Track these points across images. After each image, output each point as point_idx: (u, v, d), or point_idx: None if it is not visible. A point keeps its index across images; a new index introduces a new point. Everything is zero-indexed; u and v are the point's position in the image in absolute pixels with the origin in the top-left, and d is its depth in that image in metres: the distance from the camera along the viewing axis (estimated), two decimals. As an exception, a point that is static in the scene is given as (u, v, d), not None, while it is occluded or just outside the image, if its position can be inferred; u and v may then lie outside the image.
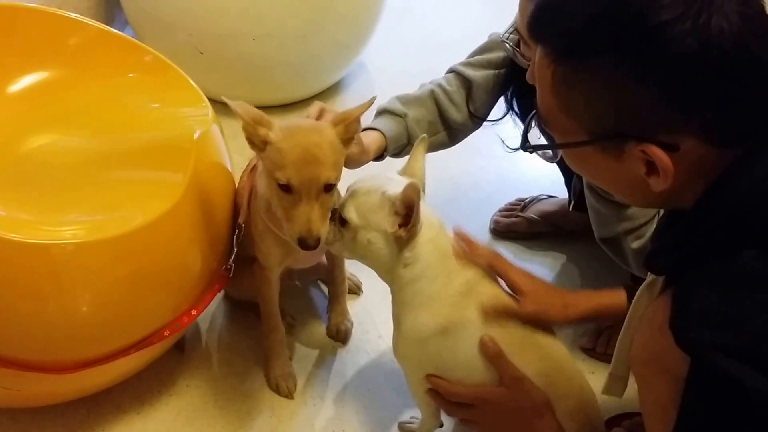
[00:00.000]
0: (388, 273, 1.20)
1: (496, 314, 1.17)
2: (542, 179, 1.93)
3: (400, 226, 1.13)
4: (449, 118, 1.54)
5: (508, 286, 1.23)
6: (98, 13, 2.09)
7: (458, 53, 1.66)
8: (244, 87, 1.96)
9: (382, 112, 1.50)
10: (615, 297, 1.24)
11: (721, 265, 0.80)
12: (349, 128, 1.16)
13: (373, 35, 2.14)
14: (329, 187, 1.13)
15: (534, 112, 0.95)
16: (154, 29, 1.83)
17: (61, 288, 1.13)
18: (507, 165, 2.02)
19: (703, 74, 0.77)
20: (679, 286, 0.84)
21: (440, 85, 1.55)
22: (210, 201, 1.29)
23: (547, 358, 1.18)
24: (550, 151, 1.03)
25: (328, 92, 2.19)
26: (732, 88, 0.78)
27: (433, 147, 1.53)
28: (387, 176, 1.21)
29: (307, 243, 1.12)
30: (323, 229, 1.14)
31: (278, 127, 1.14)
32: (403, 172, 1.23)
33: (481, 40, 1.64)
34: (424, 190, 1.21)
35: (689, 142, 0.81)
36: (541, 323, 1.20)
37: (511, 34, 1.44)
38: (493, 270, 1.23)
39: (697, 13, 0.76)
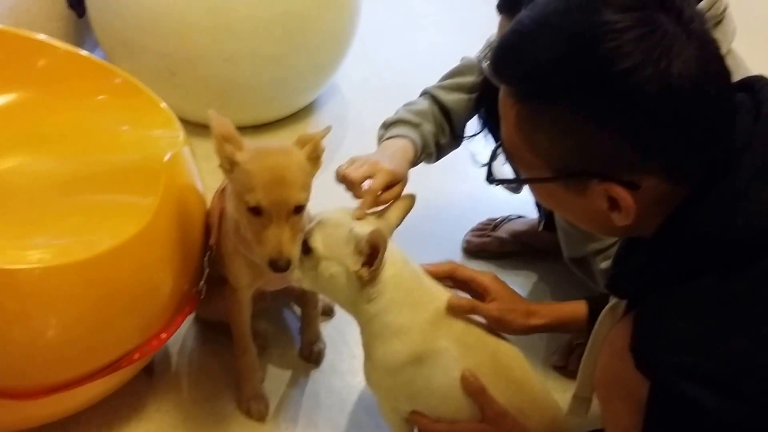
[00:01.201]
0: (351, 306, 1.19)
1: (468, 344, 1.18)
2: (513, 199, 1.94)
3: (363, 264, 1.13)
4: (438, 138, 1.56)
5: (474, 287, 1.24)
6: (68, 35, 2.08)
7: (431, 73, 1.68)
8: (216, 108, 1.91)
9: (394, 123, 1.49)
10: (576, 308, 1.26)
11: (680, 290, 0.82)
12: (316, 148, 1.17)
13: (346, 56, 2.14)
14: (299, 209, 1.13)
15: (498, 144, 0.96)
16: (125, 50, 1.82)
17: (28, 313, 1.11)
18: (479, 185, 2.01)
19: (664, 117, 0.79)
20: (639, 309, 0.86)
21: (429, 106, 1.55)
22: (180, 223, 1.28)
23: (521, 390, 1.18)
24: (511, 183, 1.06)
25: (302, 112, 2.20)
26: (690, 129, 0.80)
27: (430, 159, 1.54)
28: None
29: (278, 265, 1.12)
30: (294, 250, 1.13)
31: (247, 148, 1.14)
32: (379, 215, 1.23)
33: (451, 59, 1.66)
34: (391, 235, 1.21)
35: (650, 180, 0.83)
36: (515, 358, 1.20)
37: (486, 56, 1.46)
38: (457, 277, 1.24)
39: (657, 59, 0.77)
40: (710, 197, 0.81)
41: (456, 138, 1.60)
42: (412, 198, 1.26)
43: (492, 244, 1.83)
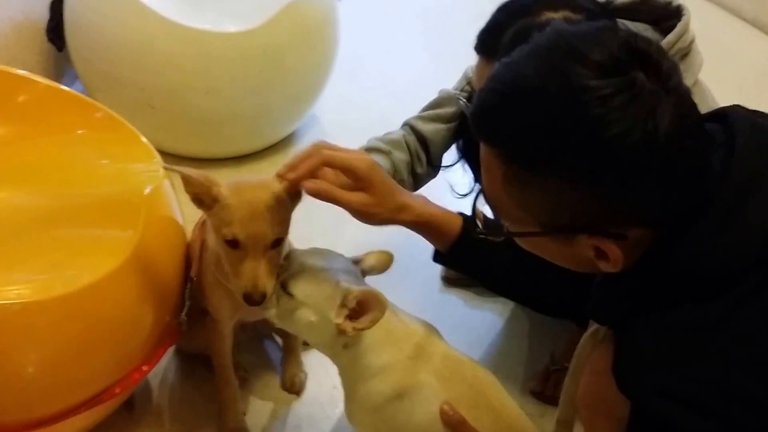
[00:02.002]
0: (326, 349, 1.20)
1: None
2: (491, 228, 1.98)
3: (346, 318, 1.12)
4: (414, 168, 1.58)
5: (350, 175, 1.16)
6: (47, 69, 2.08)
7: (408, 103, 1.71)
8: (196, 141, 1.97)
9: (366, 150, 1.51)
10: (451, 221, 1.24)
11: (659, 317, 0.86)
12: (296, 183, 1.18)
13: (325, 88, 2.17)
14: (276, 243, 1.14)
15: (478, 193, 0.98)
16: (105, 84, 1.83)
17: (7, 348, 1.10)
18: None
19: (650, 176, 0.82)
20: (622, 334, 0.90)
21: (404, 135, 1.58)
22: (161, 256, 1.29)
23: (499, 418, 1.19)
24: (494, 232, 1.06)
25: (281, 144, 2.21)
26: (673, 181, 0.83)
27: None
28: (337, 256, 1.21)
29: (253, 298, 1.12)
30: (269, 284, 1.13)
31: (225, 184, 1.15)
32: (357, 260, 1.23)
33: (428, 90, 1.69)
34: (364, 276, 1.22)
35: (635, 231, 0.86)
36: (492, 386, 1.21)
37: (463, 89, 1.50)
38: (333, 165, 1.15)
39: (644, 122, 0.79)
40: (685, 236, 0.85)
41: (434, 167, 1.63)
42: (390, 258, 1.25)
43: (471, 272, 1.84)
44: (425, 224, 1.23)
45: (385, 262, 1.24)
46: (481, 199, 1.55)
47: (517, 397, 1.59)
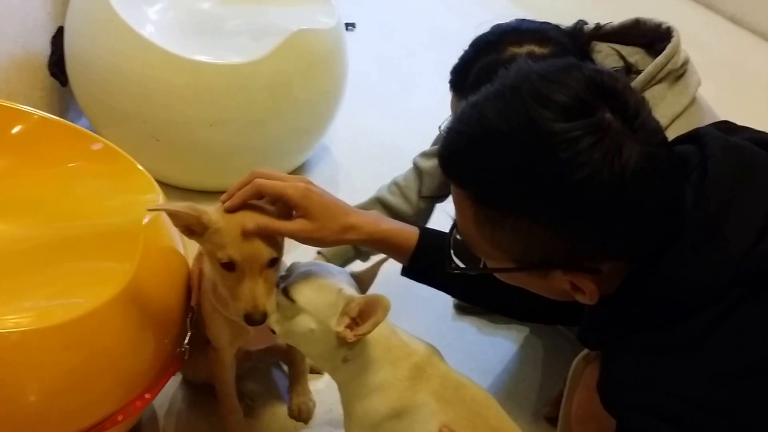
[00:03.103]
0: (325, 363, 1.20)
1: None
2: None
3: (347, 326, 1.13)
4: (400, 213, 1.61)
5: (277, 199, 1.15)
6: (52, 103, 2.09)
7: (420, 134, 1.72)
8: (202, 173, 1.98)
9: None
10: (407, 236, 1.23)
11: (640, 337, 0.89)
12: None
13: (335, 118, 2.19)
14: (273, 262, 1.14)
15: (452, 228, 0.99)
16: (109, 118, 1.84)
17: (7, 377, 1.11)
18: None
19: (619, 215, 0.83)
20: (604, 355, 0.95)
21: (387, 188, 1.64)
22: (161, 285, 1.29)
23: None
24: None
25: (292, 175, 2.23)
26: (643, 217, 0.85)
27: None
28: (341, 270, 1.22)
29: (254, 318, 1.12)
30: (269, 304, 1.14)
31: (212, 210, 1.15)
32: (356, 276, 1.24)
33: (441, 117, 1.69)
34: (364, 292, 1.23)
35: (609, 264, 0.88)
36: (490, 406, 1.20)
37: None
38: (265, 193, 1.14)
39: (611, 163, 0.80)
40: (661, 262, 0.87)
41: (429, 200, 1.65)
42: (384, 259, 1.27)
43: (483, 299, 1.83)
44: (379, 242, 1.22)
45: (378, 267, 1.25)
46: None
47: (531, 423, 1.59)
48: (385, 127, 2.53)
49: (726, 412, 0.82)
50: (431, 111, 2.51)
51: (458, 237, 0.99)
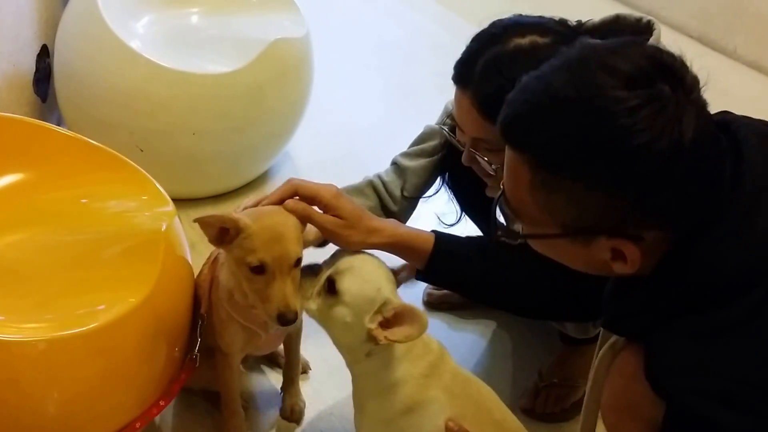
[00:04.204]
0: (348, 353, 1.24)
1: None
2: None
3: (379, 325, 1.17)
4: (388, 208, 1.65)
5: (318, 203, 1.24)
6: (34, 117, 2.04)
7: (376, 140, 1.76)
8: (181, 181, 1.99)
9: None
10: (424, 240, 1.30)
11: (690, 320, 0.92)
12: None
13: (298, 127, 2.24)
14: (298, 262, 1.20)
15: (498, 197, 1.02)
16: (95, 130, 1.82)
17: (33, 385, 1.14)
18: (434, 241, 2.14)
19: (672, 181, 0.88)
20: (652, 341, 0.96)
21: (379, 176, 1.65)
22: (177, 292, 1.33)
23: (502, 430, 1.27)
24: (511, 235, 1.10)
25: (256, 182, 2.25)
26: (692, 187, 0.89)
27: None
28: (382, 263, 1.25)
29: (287, 318, 1.17)
30: (298, 303, 1.19)
31: (242, 215, 1.20)
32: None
33: (392, 128, 1.76)
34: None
35: (652, 233, 0.92)
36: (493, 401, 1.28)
37: (444, 123, 1.58)
38: (302, 194, 1.24)
39: (670, 132, 0.85)
40: (704, 241, 0.91)
41: (410, 200, 1.69)
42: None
43: (452, 295, 1.89)
44: (398, 244, 1.29)
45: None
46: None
47: (508, 416, 1.67)
48: (341, 135, 2.56)
49: None
50: (379, 118, 2.60)
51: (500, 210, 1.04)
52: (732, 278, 0.89)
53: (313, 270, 1.23)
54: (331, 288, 1.19)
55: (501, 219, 1.12)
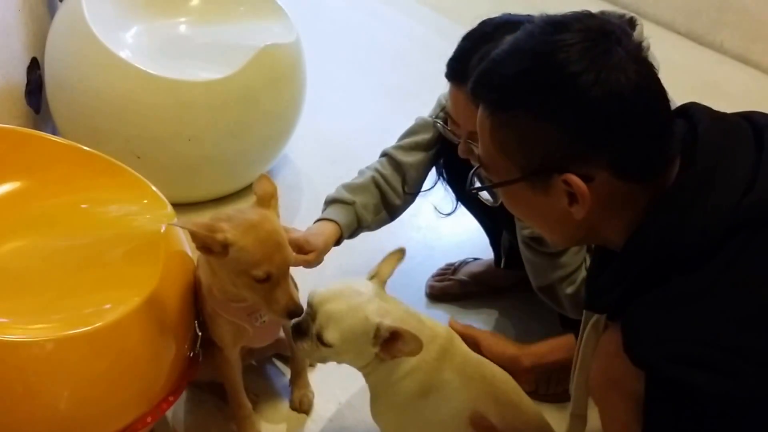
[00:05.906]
0: (363, 368, 1.29)
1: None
2: (466, 244, 2.09)
3: (384, 342, 1.22)
4: (389, 201, 1.69)
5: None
6: (27, 127, 2.08)
7: (373, 138, 1.80)
8: (178, 186, 2.02)
9: (331, 202, 1.63)
10: (566, 337, 1.42)
11: (657, 292, 0.96)
12: (277, 203, 1.33)
13: (295, 128, 2.28)
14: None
15: (475, 168, 1.11)
16: (91, 139, 1.85)
17: (43, 384, 1.17)
18: (432, 234, 2.17)
19: (607, 116, 0.95)
20: (626, 315, 0.99)
21: (378, 171, 1.69)
22: (179, 290, 1.37)
23: (519, 412, 1.31)
24: (489, 196, 1.22)
25: (257, 184, 2.30)
26: (630, 129, 0.96)
27: (378, 225, 1.69)
28: (355, 289, 1.26)
29: (296, 313, 1.27)
30: (297, 294, 1.30)
31: (228, 227, 1.24)
32: (373, 274, 1.31)
33: (385, 127, 1.81)
34: (384, 287, 1.32)
35: (602, 174, 0.97)
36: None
37: (438, 115, 1.62)
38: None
39: (598, 69, 0.94)
40: (660, 216, 0.96)
41: (411, 194, 1.74)
42: (401, 251, 1.36)
43: (453, 287, 1.94)
44: (552, 353, 1.55)
45: (397, 260, 1.35)
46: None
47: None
48: (339, 135, 2.60)
49: (751, 349, 0.88)
50: (372, 119, 2.64)
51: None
52: (689, 248, 0.94)
53: (302, 329, 1.27)
54: (323, 342, 1.24)
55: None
